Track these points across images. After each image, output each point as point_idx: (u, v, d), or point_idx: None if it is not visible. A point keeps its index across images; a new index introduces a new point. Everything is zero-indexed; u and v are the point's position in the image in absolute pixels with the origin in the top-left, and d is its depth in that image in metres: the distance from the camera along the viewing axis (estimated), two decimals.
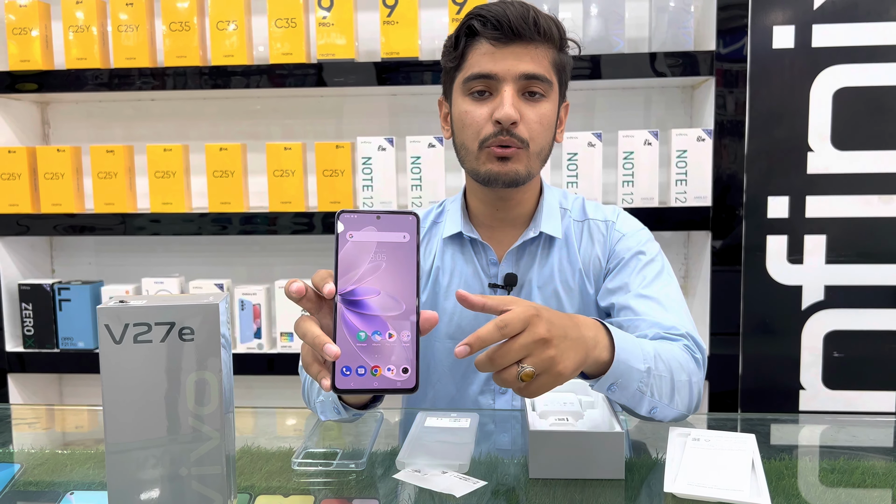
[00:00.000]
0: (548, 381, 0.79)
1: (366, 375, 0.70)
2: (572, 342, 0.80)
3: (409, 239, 0.72)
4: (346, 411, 0.97)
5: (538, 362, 0.77)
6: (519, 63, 1.09)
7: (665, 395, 0.95)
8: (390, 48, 1.81)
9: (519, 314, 0.76)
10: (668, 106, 2.00)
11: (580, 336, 0.82)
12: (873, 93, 1.74)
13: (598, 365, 0.87)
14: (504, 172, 1.11)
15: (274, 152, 1.85)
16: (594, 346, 0.85)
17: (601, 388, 0.90)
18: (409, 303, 0.72)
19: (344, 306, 0.71)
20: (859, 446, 1.04)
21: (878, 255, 1.77)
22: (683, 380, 0.97)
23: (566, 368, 0.79)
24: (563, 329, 0.79)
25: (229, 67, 1.84)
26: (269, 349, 1.92)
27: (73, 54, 1.88)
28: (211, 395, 0.68)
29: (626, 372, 0.89)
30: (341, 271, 0.71)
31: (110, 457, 0.67)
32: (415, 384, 0.71)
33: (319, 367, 0.74)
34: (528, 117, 1.10)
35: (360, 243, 0.71)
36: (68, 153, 1.90)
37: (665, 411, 0.96)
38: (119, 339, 0.66)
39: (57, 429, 1.22)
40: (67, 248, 2.18)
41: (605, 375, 0.88)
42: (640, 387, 0.91)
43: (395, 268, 0.72)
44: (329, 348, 0.69)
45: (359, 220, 0.71)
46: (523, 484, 0.84)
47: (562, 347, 0.78)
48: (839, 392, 1.82)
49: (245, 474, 0.88)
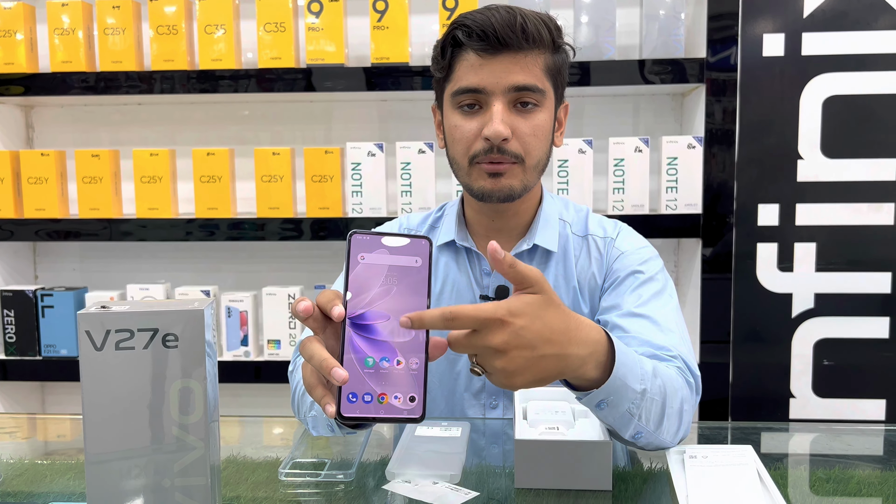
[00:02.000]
0: (497, 383, 0.74)
1: (372, 403, 0.68)
2: (538, 359, 0.73)
3: (421, 263, 0.70)
4: (341, 430, 0.94)
5: (487, 366, 0.73)
6: (508, 75, 1.03)
7: (653, 422, 0.88)
8: (380, 53, 1.80)
9: (475, 313, 0.70)
10: (658, 113, 2.00)
11: (560, 354, 0.74)
12: (863, 101, 1.74)
13: (582, 381, 0.81)
14: (498, 189, 1.07)
15: (262, 157, 1.83)
16: (579, 366, 0.78)
17: (590, 402, 0.83)
18: (420, 329, 0.70)
19: (353, 330, 0.69)
20: (854, 454, 1.03)
21: (867, 263, 1.77)
22: (675, 407, 0.91)
23: (516, 382, 0.74)
24: (530, 343, 0.72)
25: (217, 72, 1.82)
26: (256, 357, 1.90)
27: (59, 57, 1.85)
28: (195, 404, 0.66)
29: (620, 390, 0.82)
30: (351, 294, 0.69)
31: (90, 467, 0.65)
32: (422, 413, 0.69)
33: (324, 392, 0.71)
34: (520, 131, 1.05)
35: (371, 266, 0.69)
36: (52, 157, 1.88)
37: (649, 438, 0.89)
38: (100, 346, 0.64)
39: (38, 438, 1.20)
40: (51, 253, 2.15)
41: (597, 390, 0.81)
42: (630, 408, 0.84)
43: (407, 292, 0.70)
44: (337, 373, 0.66)
45: (371, 243, 0.69)
46: (515, 494, 0.83)
47: (518, 361, 0.72)
48: (829, 400, 1.82)
49: (231, 485, 0.86)
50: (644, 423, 0.87)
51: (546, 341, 0.73)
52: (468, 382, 1.18)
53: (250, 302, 1.88)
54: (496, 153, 1.05)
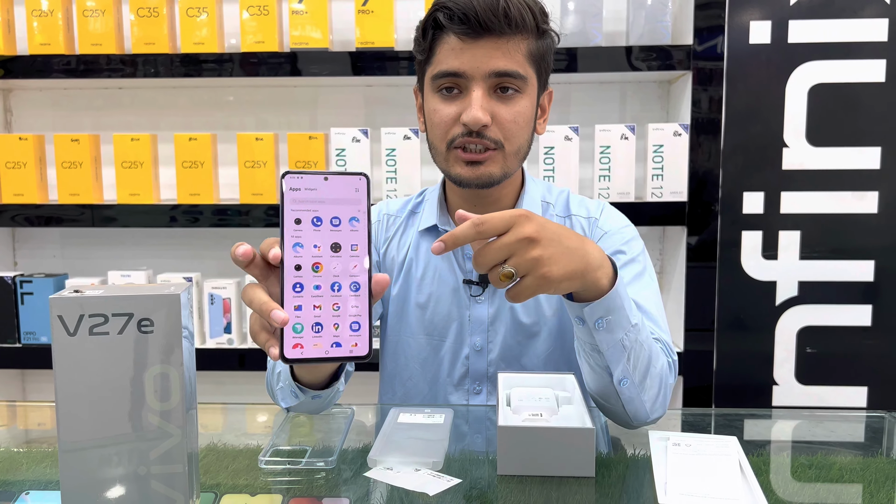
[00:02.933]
0: (532, 283, 0.76)
1: (316, 343, 0.67)
2: (566, 249, 0.77)
3: (359, 200, 0.69)
4: (304, 393, 0.93)
5: (521, 262, 0.75)
6: (489, 60, 1.02)
7: (639, 372, 0.90)
8: (365, 38, 1.78)
9: (502, 214, 0.74)
10: (644, 100, 2.00)
11: (580, 248, 0.79)
12: (848, 89, 1.75)
13: (594, 290, 0.84)
14: (476, 176, 1.06)
15: (245, 143, 1.81)
16: (597, 267, 0.82)
17: (591, 315, 0.85)
18: (360, 266, 0.68)
19: (292, 271, 0.67)
20: (836, 441, 1.03)
21: (851, 252, 1.78)
22: (657, 370, 0.94)
23: (552, 273, 0.76)
24: (557, 234, 0.77)
25: (201, 55, 1.79)
26: (239, 344, 1.88)
27: (37, 40, 1.82)
28: (172, 391, 0.65)
29: (619, 310, 0.85)
30: (287, 235, 0.67)
31: (64, 455, 0.64)
32: (368, 351, 0.68)
33: (268, 336, 0.70)
34: (501, 117, 1.04)
35: (307, 205, 0.67)
36: (31, 142, 1.85)
37: (633, 391, 0.91)
38: (73, 331, 0.62)
39: (17, 425, 1.18)
40: (31, 239, 2.12)
41: (601, 300, 0.84)
42: (624, 339, 0.87)
43: (345, 230, 0.68)
44: (276, 314, 0.65)
45: (305, 182, 0.67)
46: (497, 481, 0.82)
47: (551, 250, 0.75)
48: (812, 387, 1.83)
49: (210, 472, 0.85)
50: (631, 368, 0.90)
51: (567, 235, 0.79)
52: (451, 368, 1.17)
53: (233, 289, 1.87)
54: (474, 136, 1.04)
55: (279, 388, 0.99)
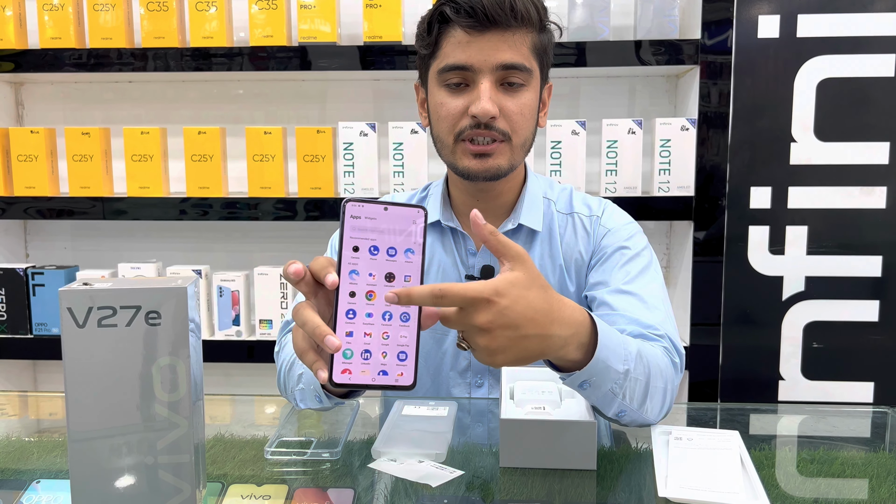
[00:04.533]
0: (483, 360, 0.75)
1: (364, 371, 0.69)
2: (521, 338, 0.73)
3: (415, 232, 0.70)
4: (329, 400, 0.95)
5: (472, 343, 0.74)
6: (496, 53, 1.03)
7: (636, 401, 0.89)
8: (373, 32, 1.79)
9: (463, 292, 0.70)
10: (652, 95, 1.99)
11: (542, 334, 0.75)
12: (857, 84, 1.74)
13: (564, 362, 0.82)
14: (485, 168, 1.07)
15: (253, 136, 1.82)
16: (561, 346, 0.79)
17: (573, 383, 0.84)
18: (407, 305, 0.70)
19: (346, 298, 0.69)
20: (839, 436, 1.04)
21: (858, 247, 1.78)
22: (659, 386, 0.92)
23: (497, 360, 0.74)
24: (516, 323, 0.72)
25: (210, 49, 1.80)
26: (247, 336, 1.90)
27: (48, 34, 1.83)
28: (179, 382, 0.66)
29: (602, 371, 0.83)
30: (345, 261, 0.69)
31: (73, 445, 0.65)
32: (412, 381, 0.69)
33: (315, 357, 0.72)
34: (508, 109, 1.05)
35: (366, 233, 0.69)
36: (42, 135, 1.86)
37: (632, 416, 0.90)
38: (82, 324, 0.63)
39: (28, 416, 1.20)
40: (42, 232, 2.14)
41: (579, 372, 0.82)
42: (613, 388, 0.85)
43: (400, 261, 0.70)
44: (331, 341, 0.67)
45: (366, 210, 0.69)
46: (500, 473, 0.83)
47: (501, 340, 0.72)
48: (818, 383, 1.83)
49: (217, 463, 0.86)
50: (628, 402, 0.88)
51: (529, 321, 0.73)
52: (454, 361, 1.18)
53: (242, 282, 1.88)
54: (483, 129, 1.04)
55: (299, 390, 1.00)
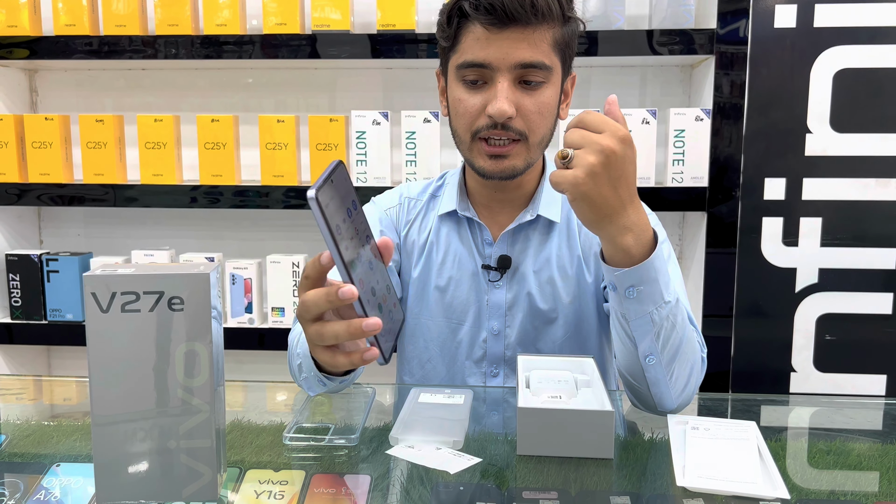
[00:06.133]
0: (574, 181, 0.82)
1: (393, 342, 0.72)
2: (615, 184, 0.83)
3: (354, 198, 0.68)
4: (332, 380, 0.95)
5: (579, 161, 0.82)
6: (515, 51, 1.01)
7: (667, 353, 0.90)
8: (386, 20, 1.78)
9: (614, 120, 0.85)
10: (665, 85, 1.98)
11: (624, 201, 0.84)
12: (873, 75, 1.72)
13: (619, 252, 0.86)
14: (500, 169, 1.07)
15: (266, 125, 1.82)
16: (626, 227, 0.85)
17: (622, 283, 0.87)
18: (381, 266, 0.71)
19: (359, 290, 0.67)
20: (854, 428, 1.03)
21: (872, 239, 1.77)
22: (688, 357, 0.93)
23: (585, 189, 0.82)
24: (622, 170, 0.83)
25: (222, 37, 1.80)
26: (260, 324, 1.91)
27: (62, 21, 1.83)
28: (201, 367, 0.67)
29: (651, 282, 0.86)
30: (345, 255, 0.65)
31: (97, 429, 0.66)
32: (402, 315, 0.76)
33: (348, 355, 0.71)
34: (525, 108, 1.04)
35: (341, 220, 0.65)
36: (56, 122, 1.87)
37: (658, 372, 0.91)
38: (106, 308, 0.64)
39: (44, 401, 1.21)
40: (56, 219, 2.15)
41: (629, 269, 0.86)
42: (653, 314, 0.87)
43: (367, 234, 0.69)
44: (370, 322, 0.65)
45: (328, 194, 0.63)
46: (516, 461, 0.84)
47: (603, 171, 0.82)
48: (830, 375, 1.82)
49: (235, 448, 0.87)
50: (660, 346, 0.90)
51: (627, 182, 0.84)
52: (469, 350, 1.18)
53: (255, 269, 1.89)
54: (499, 128, 1.04)
55: (303, 379, 1.00)
